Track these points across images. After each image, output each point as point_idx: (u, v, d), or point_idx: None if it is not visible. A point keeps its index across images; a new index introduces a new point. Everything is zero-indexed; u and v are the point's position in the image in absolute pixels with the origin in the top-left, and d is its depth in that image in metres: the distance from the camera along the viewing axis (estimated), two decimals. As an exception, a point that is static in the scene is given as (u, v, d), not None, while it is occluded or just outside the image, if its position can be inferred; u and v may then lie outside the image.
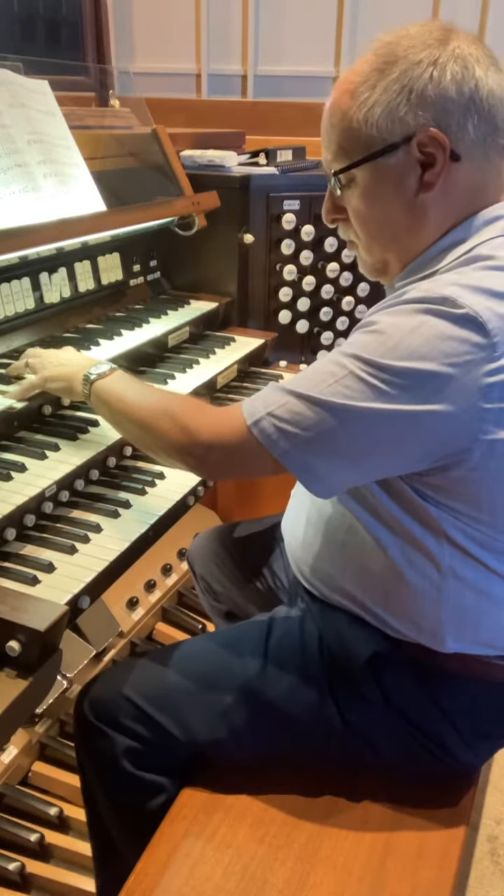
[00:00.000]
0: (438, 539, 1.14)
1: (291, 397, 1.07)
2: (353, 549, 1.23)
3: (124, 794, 1.30)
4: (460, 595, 1.16)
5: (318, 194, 2.29)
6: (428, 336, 0.99)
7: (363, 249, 1.23)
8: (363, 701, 1.24)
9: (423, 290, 1.04)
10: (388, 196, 1.13)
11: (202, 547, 1.78)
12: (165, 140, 2.24)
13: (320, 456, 1.07)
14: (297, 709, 1.26)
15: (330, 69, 4.58)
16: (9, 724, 1.05)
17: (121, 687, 1.30)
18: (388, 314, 1.05)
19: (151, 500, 1.45)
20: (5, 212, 1.59)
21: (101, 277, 2.04)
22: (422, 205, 1.12)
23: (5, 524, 1.28)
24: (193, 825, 1.21)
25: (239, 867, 1.15)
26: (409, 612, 1.20)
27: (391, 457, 1.07)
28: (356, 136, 1.12)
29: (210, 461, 1.19)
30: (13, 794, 1.79)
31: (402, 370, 1.00)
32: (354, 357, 1.04)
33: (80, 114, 2.13)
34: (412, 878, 1.14)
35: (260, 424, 1.08)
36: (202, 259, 2.30)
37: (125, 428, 1.34)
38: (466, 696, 1.22)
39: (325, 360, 1.09)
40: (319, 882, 1.13)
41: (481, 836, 2.01)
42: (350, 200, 1.18)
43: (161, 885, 1.12)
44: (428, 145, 1.07)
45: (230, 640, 1.36)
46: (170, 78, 4.52)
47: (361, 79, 1.10)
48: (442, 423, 1.01)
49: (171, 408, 1.23)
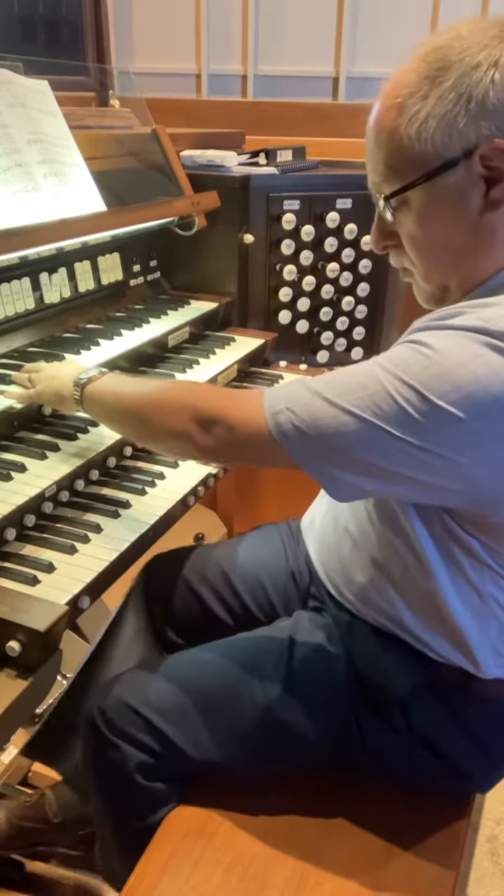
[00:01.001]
0: (480, 569, 1.10)
1: (318, 399, 0.99)
2: (394, 570, 1.18)
3: (130, 806, 1.26)
4: (501, 623, 1.13)
5: (318, 194, 2.31)
6: (478, 375, 0.90)
7: (420, 277, 1.11)
8: (388, 728, 1.21)
9: (484, 319, 0.94)
10: (448, 218, 1.02)
11: (154, 570, 1.64)
12: (165, 140, 2.24)
13: (338, 466, 1.00)
14: (317, 733, 1.23)
15: (330, 69, 4.58)
16: (9, 724, 1.05)
17: (132, 698, 1.26)
18: (441, 337, 0.95)
19: (151, 500, 1.45)
20: (5, 212, 1.59)
21: (101, 277, 2.04)
22: (489, 225, 1.01)
23: (5, 524, 1.28)
24: (194, 825, 1.21)
25: (239, 867, 1.15)
26: (449, 636, 1.16)
27: (416, 488, 1.00)
28: (408, 155, 1.00)
29: (217, 441, 1.10)
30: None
31: (442, 410, 0.91)
32: (394, 376, 0.95)
33: (80, 114, 2.13)
34: (412, 878, 1.14)
35: (277, 417, 1.01)
36: (202, 259, 2.30)
37: (122, 422, 1.29)
38: (498, 718, 1.19)
39: (361, 369, 1.00)
40: (320, 882, 1.13)
41: (481, 836, 2.01)
42: (403, 225, 1.07)
43: (161, 885, 1.12)
44: (493, 158, 0.96)
45: (249, 653, 1.30)
46: (170, 78, 4.52)
47: (410, 90, 0.99)
48: (474, 471, 0.94)
49: (174, 390, 1.17)
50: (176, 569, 1.58)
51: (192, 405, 1.12)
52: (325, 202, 2.32)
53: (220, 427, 1.09)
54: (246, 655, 1.30)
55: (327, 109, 3.87)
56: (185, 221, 2.18)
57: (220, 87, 4.65)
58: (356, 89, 4.54)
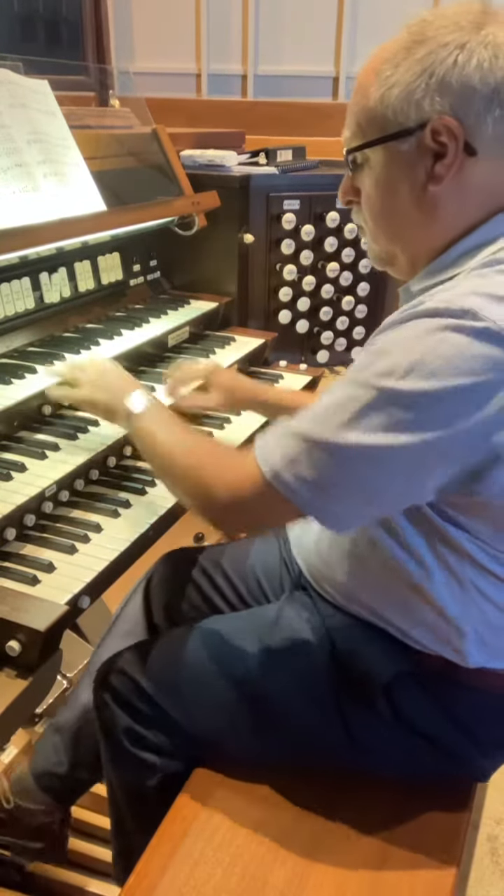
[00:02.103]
0: (460, 557, 1.11)
1: (308, 444, 1.01)
2: (373, 563, 1.20)
3: (127, 771, 1.34)
4: (484, 611, 1.14)
5: (318, 194, 2.31)
6: (448, 355, 0.92)
7: (370, 237, 1.17)
8: (372, 716, 1.21)
9: (443, 300, 0.96)
10: (397, 184, 1.07)
11: (161, 569, 1.69)
12: (165, 140, 2.24)
13: (341, 500, 1.02)
14: (297, 712, 1.25)
15: (330, 69, 4.58)
16: (9, 724, 1.05)
17: (130, 667, 1.33)
18: (404, 331, 0.98)
19: (151, 500, 1.45)
20: (5, 212, 1.59)
21: (101, 277, 2.04)
22: (432, 198, 1.05)
23: (5, 524, 1.28)
24: (194, 825, 1.21)
25: (239, 867, 1.15)
26: (431, 627, 1.17)
27: (415, 486, 1.01)
28: (373, 116, 1.05)
29: (228, 521, 1.17)
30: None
31: (422, 394, 0.93)
32: (369, 385, 0.97)
33: (80, 114, 2.13)
34: (412, 878, 1.14)
35: (281, 477, 1.02)
36: (202, 259, 2.30)
37: (153, 466, 1.31)
38: (486, 707, 1.20)
39: (338, 391, 1.02)
40: (320, 882, 1.13)
41: (481, 836, 2.01)
42: (363, 183, 1.12)
43: (161, 885, 1.12)
44: (441, 134, 1.00)
45: (239, 629, 1.34)
46: (170, 78, 4.52)
47: (387, 56, 1.03)
48: (463, 441, 0.96)
49: (193, 457, 1.18)
50: (182, 567, 1.62)
51: (204, 487, 1.13)
52: (325, 202, 2.32)
53: (229, 507, 1.11)
54: (234, 634, 1.34)
55: (327, 109, 3.87)
56: (185, 221, 2.18)
57: (220, 87, 4.65)
58: (356, 89, 4.53)
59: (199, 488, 1.13)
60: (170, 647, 1.36)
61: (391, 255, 1.16)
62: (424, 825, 1.21)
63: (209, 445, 1.28)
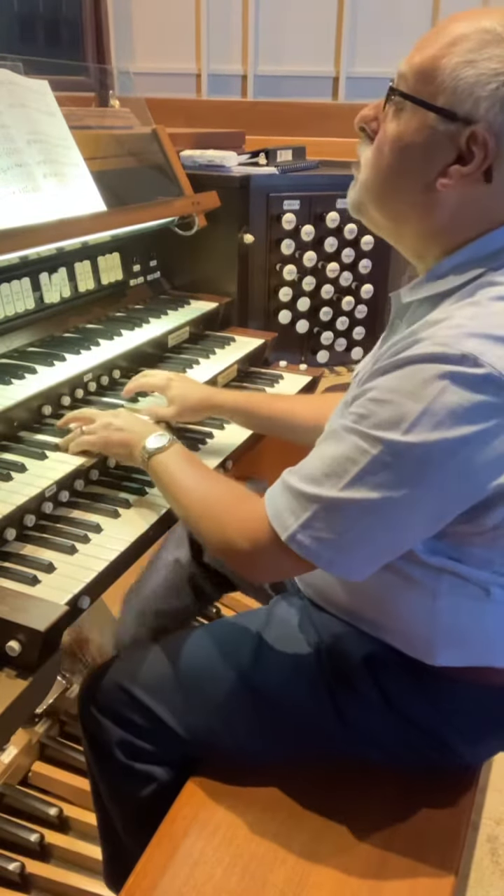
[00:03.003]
0: (437, 574, 1.13)
1: (318, 505, 1.02)
2: None
3: (121, 784, 1.33)
4: (454, 616, 1.15)
5: (318, 194, 2.31)
6: (451, 406, 0.93)
7: (360, 180, 1.12)
8: (362, 700, 1.23)
9: (440, 343, 0.95)
10: (413, 155, 1.03)
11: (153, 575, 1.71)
12: (165, 140, 2.24)
13: (360, 553, 1.04)
14: (292, 705, 1.26)
15: (330, 69, 4.58)
16: (9, 724, 1.05)
17: (120, 678, 1.32)
18: (402, 380, 0.97)
19: (151, 500, 1.45)
20: (5, 212, 1.59)
21: (101, 277, 2.04)
22: (434, 194, 1.03)
23: (5, 524, 1.28)
24: (193, 825, 1.21)
25: (239, 867, 1.15)
26: (401, 629, 1.20)
27: (431, 528, 1.04)
28: (435, 76, 0.99)
29: (253, 572, 1.21)
30: (13, 794, 1.79)
31: (429, 445, 0.94)
32: (374, 439, 0.97)
33: (80, 114, 2.13)
34: (412, 878, 1.14)
35: (297, 539, 1.03)
36: (202, 259, 2.30)
37: (175, 509, 1.31)
38: (464, 697, 1.21)
39: (341, 442, 1.01)
40: (320, 882, 1.13)
41: (481, 836, 2.01)
42: (387, 127, 1.06)
43: (161, 885, 1.12)
44: (477, 144, 0.98)
45: (228, 632, 1.36)
46: (170, 78, 4.52)
47: (480, 35, 0.98)
48: (473, 484, 0.99)
49: (212, 510, 1.20)
50: None
51: (223, 537, 1.15)
52: (325, 202, 2.32)
53: (251, 562, 1.14)
54: (227, 633, 1.35)
55: (327, 109, 3.87)
56: (185, 221, 2.18)
57: (220, 87, 4.65)
58: (356, 89, 4.54)
59: (224, 543, 1.16)
60: (161, 654, 1.35)
61: (363, 208, 1.13)
62: (424, 825, 1.21)
63: (227, 494, 1.24)
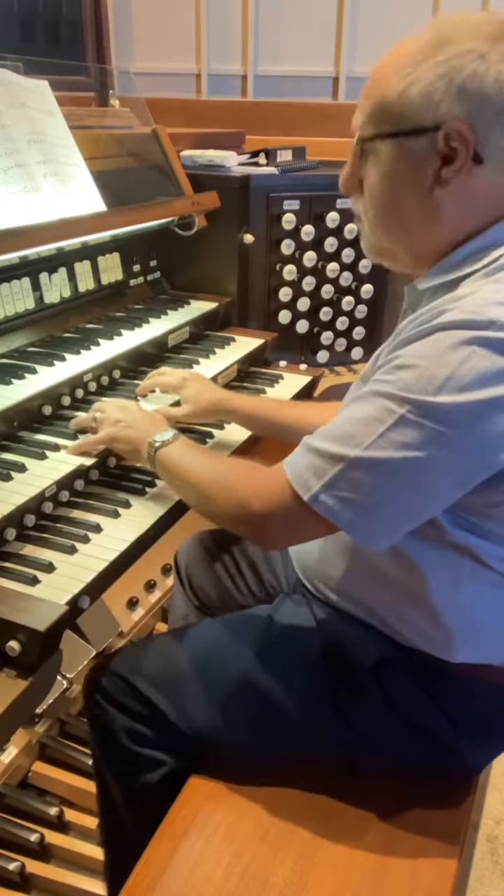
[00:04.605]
0: (460, 554, 1.12)
1: (343, 464, 1.02)
2: (367, 560, 1.22)
3: (128, 770, 1.33)
4: (475, 609, 1.15)
5: (318, 194, 2.31)
6: (478, 369, 0.95)
7: (368, 226, 1.18)
8: (365, 704, 1.23)
9: (466, 311, 0.98)
10: (403, 181, 1.08)
11: (191, 547, 1.76)
12: (165, 140, 2.24)
13: (382, 516, 1.04)
14: (293, 705, 1.26)
15: (330, 69, 4.57)
16: (9, 724, 1.05)
17: (124, 669, 1.33)
18: (430, 346, 0.99)
19: (151, 500, 1.45)
20: (5, 212, 1.59)
21: (101, 277, 2.04)
22: (435, 201, 1.07)
23: (5, 524, 1.28)
24: (193, 825, 1.21)
25: (239, 867, 1.15)
26: (421, 624, 1.18)
27: (456, 493, 1.04)
28: (388, 109, 1.06)
29: (268, 536, 1.17)
30: (13, 794, 1.79)
31: (457, 406, 0.95)
32: (401, 400, 0.98)
33: (80, 114, 2.14)
34: (412, 878, 1.14)
35: (320, 500, 1.04)
36: (202, 259, 2.30)
37: (186, 495, 1.32)
38: (473, 699, 1.21)
39: (367, 405, 1.02)
40: (320, 882, 1.13)
41: (481, 836, 2.01)
42: (368, 173, 1.12)
43: (161, 885, 1.12)
44: (453, 139, 1.02)
45: (233, 629, 1.36)
46: (170, 78, 4.52)
47: (411, 51, 1.04)
48: (494, 449, 0.98)
49: (225, 480, 1.20)
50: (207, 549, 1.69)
51: (239, 501, 1.15)
52: (325, 202, 2.32)
53: (267, 521, 1.13)
54: (231, 629, 1.36)
55: (327, 109, 3.87)
56: (185, 221, 2.18)
57: (220, 87, 4.64)
58: (356, 89, 4.52)
59: (238, 508, 1.15)
60: (164, 648, 1.36)
61: (391, 253, 1.18)
62: (424, 825, 1.21)
63: (239, 465, 1.28)
